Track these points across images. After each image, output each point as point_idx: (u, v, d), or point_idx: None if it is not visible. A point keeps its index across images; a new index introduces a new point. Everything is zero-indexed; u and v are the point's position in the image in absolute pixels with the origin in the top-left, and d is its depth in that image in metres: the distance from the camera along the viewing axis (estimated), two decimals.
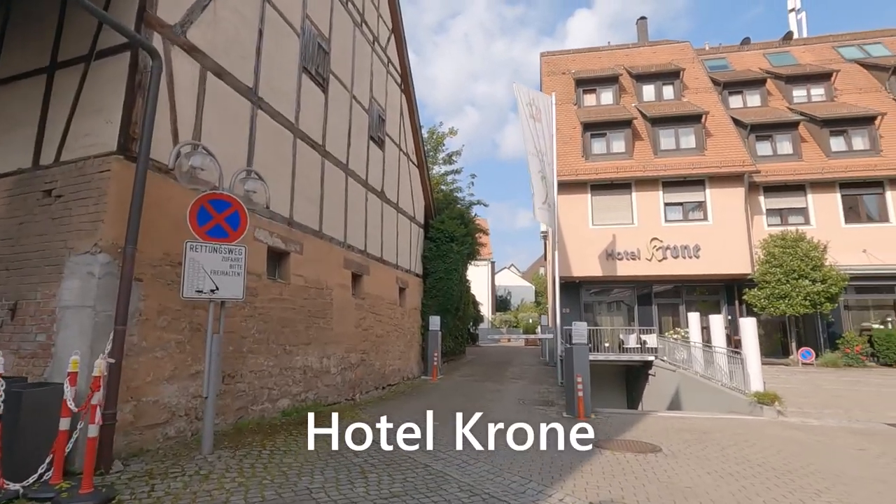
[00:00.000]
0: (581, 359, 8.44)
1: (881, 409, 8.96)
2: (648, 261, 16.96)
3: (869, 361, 14.51)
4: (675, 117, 18.24)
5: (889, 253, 16.40)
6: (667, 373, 14.49)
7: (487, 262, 45.75)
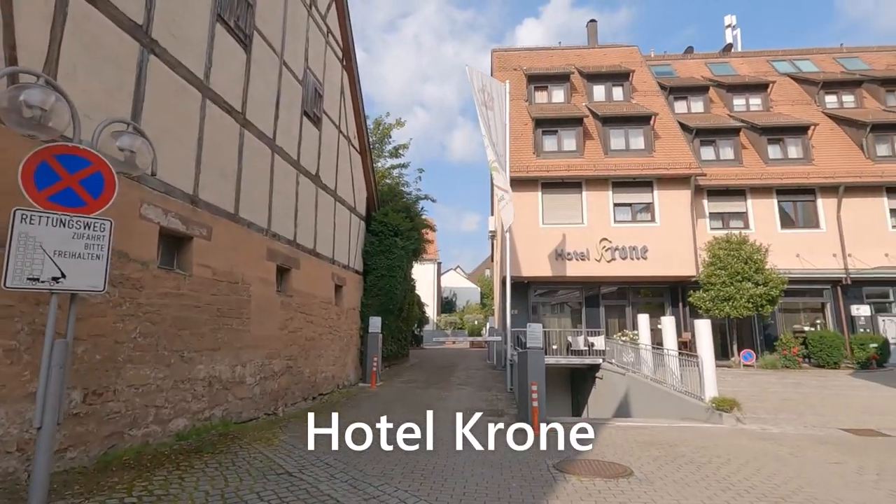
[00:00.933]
0: (536, 365, 7.61)
1: (830, 413, 8.81)
2: (598, 261, 16.64)
3: (804, 363, 14.85)
4: (625, 117, 18.12)
5: (819, 258, 17.02)
6: (615, 376, 14.11)
7: (434, 263, 44.83)
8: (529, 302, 18.11)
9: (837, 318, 17.11)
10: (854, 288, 17.06)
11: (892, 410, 9.07)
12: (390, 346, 14.92)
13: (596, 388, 15.95)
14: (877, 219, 17.33)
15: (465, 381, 12.95)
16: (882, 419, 8.38)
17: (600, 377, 15.55)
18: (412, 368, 16.16)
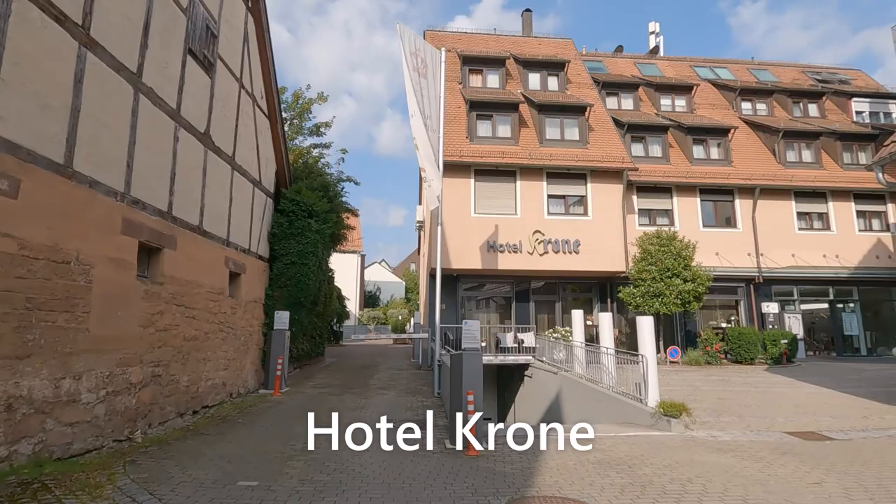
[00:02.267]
0: (473, 369, 6.35)
1: (768, 414, 8.46)
2: (530, 254, 15.87)
3: (724, 359, 15.08)
4: (561, 106, 17.52)
5: (735, 256, 17.53)
6: (546, 375, 13.35)
7: (357, 255, 42.66)
8: (458, 296, 17.00)
9: (750, 315, 17.76)
10: (764, 286, 17.80)
11: (819, 408, 8.94)
12: (302, 345, 13.07)
13: (524, 387, 15.18)
14: (786, 221, 18.22)
15: (388, 385, 11.48)
16: (815, 419, 8.13)
17: (529, 376, 14.78)
18: (328, 370, 14.39)
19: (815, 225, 18.45)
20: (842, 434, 7.15)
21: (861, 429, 7.44)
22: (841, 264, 17.94)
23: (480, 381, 6.37)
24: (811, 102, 21.64)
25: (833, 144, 19.34)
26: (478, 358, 6.49)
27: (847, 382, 11.56)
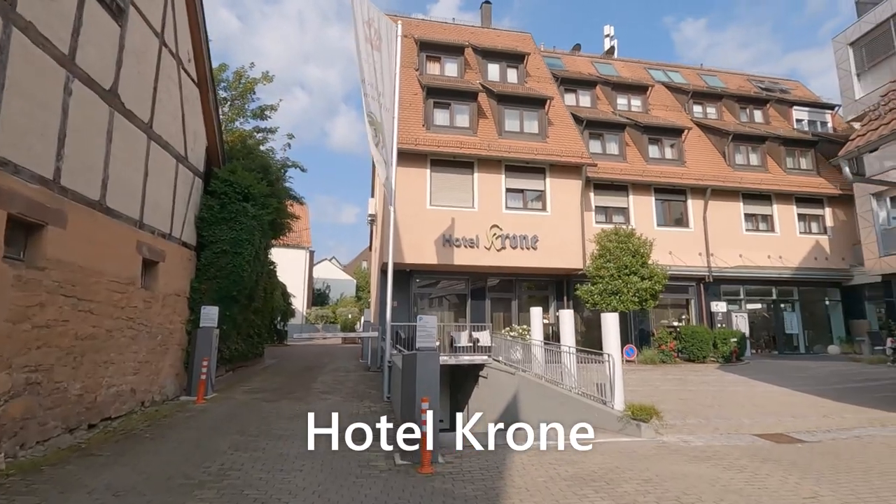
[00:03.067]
0: (428, 372, 5.50)
1: (732, 415, 8.14)
2: (487, 249, 15.20)
3: (677, 357, 15.03)
4: (521, 98, 16.99)
5: (687, 255, 17.67)
6: (503, 375, 12.71)
7: (305, 250, 40.79)
8: (411, 292, 16.10)
9: (700, 313, 17.97)
10: (714, 286, 18.06)
11: (779, 408, 8.76)
12: (237, 345, 11.73)
13: (479, 388, 14.49)
14: (734, 222, 18.59)
15: (332, 388, 10.41)
16: (778, 420, 7.88)
17: (485, 376, 14.11)
18: (266, 372, 13.08)
19: (760, 226, 18.95)
20: (808, 435, 6.88)
21: (825, 429, 7.22)
22: (783, 265, 18.51)
23: (437, 385, 5.53)
24: (756, 109, 22.36)
25: (777, 149, 19.99)
26: (434, 359, 5.64)
27: (796, 380, 11.65)
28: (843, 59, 17.91)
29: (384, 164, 9.46)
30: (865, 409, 8.53)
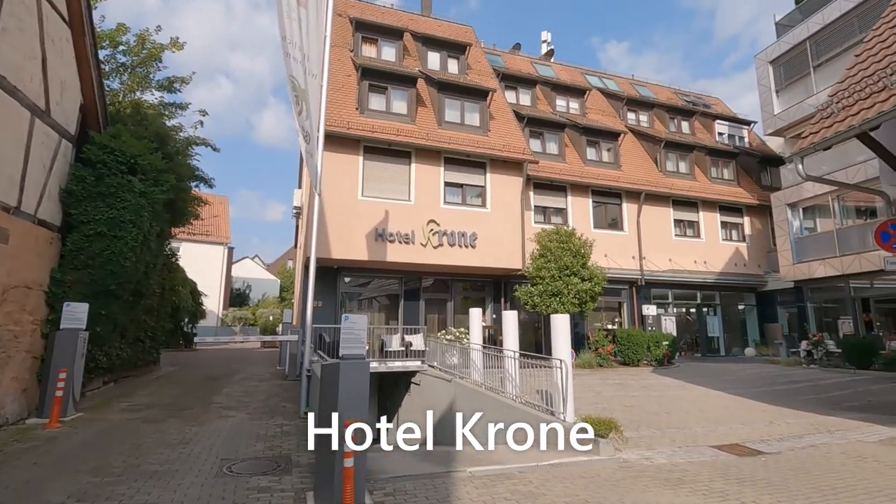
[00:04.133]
0: (355, 387, 4.27)
1: (683, 424, 7.67)
2: (423, 246, 14.11)
3: (614, 361, 14.80)
4: (463, 87, 16.12)
5: (621, 258, 17.70)
6: (438, 383, 11.65)
7: (223, 246, 37.49)
8: (338, 292, 14.64)
9: (632, 317, 18.05)
10: (645, 289, 18.24)
11: (724, 415, 8.47)
12: (120, 351, 9.67)
13: (411, 395, 13.33)
14: (665, 227, 18.94)
15: (238, 402, 8.78)
16: (729, 428, 7.50)
17: (417, 383, 12.97)
18: (159, 382, 11.03)
19: (687, 232, 19.48)
20: (765, 445, 6.47)
21: (777, 437, 6.88)
22: (708, 270, 19.14)
23: (366, 404, 4.33)
24: (684, 120, 23.21)
25: (703, 159, 20.74)
26: (362, 369, 4.43)
27: (726, 383, 11.67)
28: (764, 76, 18.87)
29: (308, 138, 8.05)
30: (804, 414, 8.44)
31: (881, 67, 6.92)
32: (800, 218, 17.45)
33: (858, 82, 7.13)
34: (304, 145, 7.91)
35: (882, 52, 7.27)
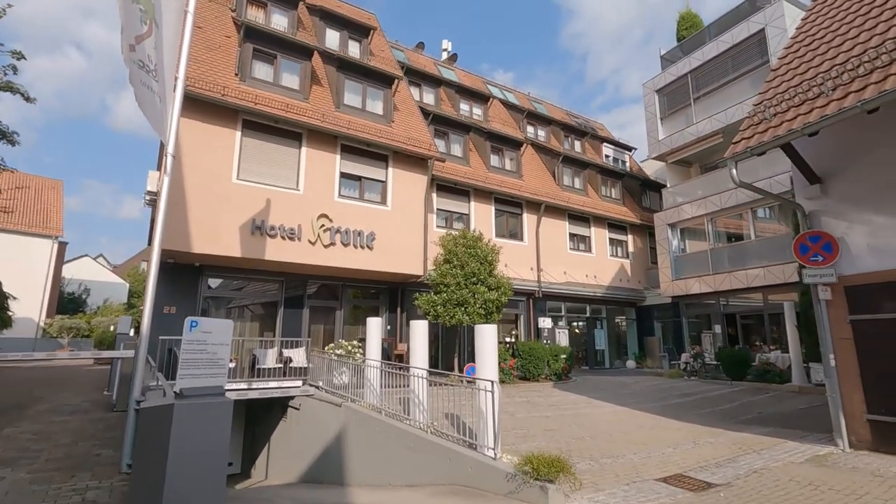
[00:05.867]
0: (201, 446, 2.39)
1: (617, 453, 6.76)
2: (312, 244, 12.01)
3: (515, 376, 14.00)
4: (366, 70, 14.39)
5: (521, 269, 17.27)
6: (325, 407, 9.65)
7: (52, 240, 30.65)
8: (200, 295, 11.84)
9: (528, 329, 17.65)
10: (541, 301, 18.01)
11: (646, 437, 7.84)
12: None
13: (288, 423, 11.05)
14: (561, 240, 19.03)
15: (22, 451, 5.95)
16: (662, 454, 6.77)
17: (297, 407, 10.75)
18: None
19: (580, 246, 19.83)
20: (708, 474, 5.76)
21: (714, 463, 6.26)
22: (598, 283, 19.60)
23: (222, 474, 2.46)
24: (577, 139, 24.03)
25: (595, 177, 21.48)
26: (220, 413, 2.55)
27: (629, 398, 11.44)
28: (651, 103, 20.10)
29: (157, 74, 5.73)
30: (717, 431, 8.16)
31: (807, 79, 6.85)
32: (678, 238, 18.62)
33: (784, 92, 7.01)
34: (150, 83, 5.59)
35: (804, 66, 7.28)
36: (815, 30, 7.93)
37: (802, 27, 8.36)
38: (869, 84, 5.64)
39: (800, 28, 8.39)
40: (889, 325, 6.35)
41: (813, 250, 7.12)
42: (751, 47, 16.49)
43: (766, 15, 15.92)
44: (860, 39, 6.62)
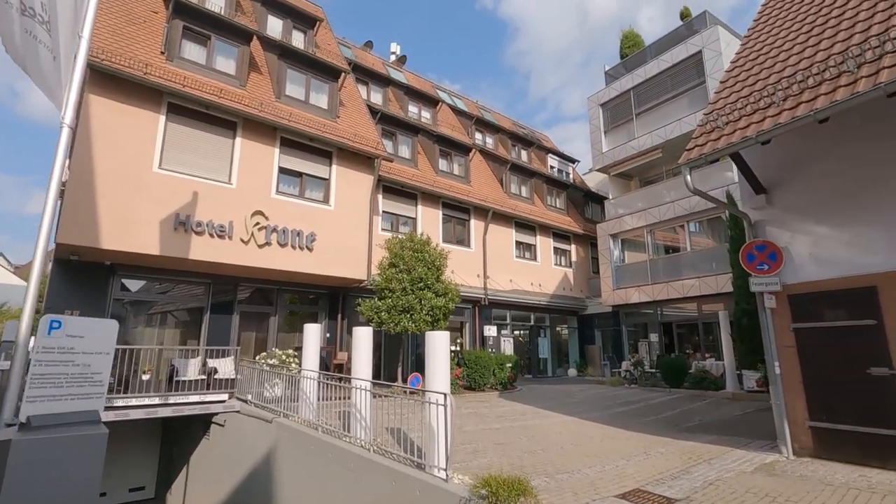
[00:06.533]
0: (72, 478, 1.67)
1: (571, 467, 6.42)
2: (245, 243, 10.97)
3: (461, 386, 13.53)
4: (310, 60, 13.54)
5: (467, 276, 16.93)
6: (252, 423, 8.69)
7: None
8: (111, 298, 10.43)
9: (473, 337, 17.31)
10: (487, 309, 17.75)
11: (597, 449, 7.60)
12: None
13: (211, 441, 9.93)
14: (507, 247, 18.92)
15: None
16: (616, 466, 6.53)
17: (221, 424, 9.68)
18: None
19: (526, 254, 19.84)
20: (665, 488, 5.53)
21: (669, 475, 6.07)
22: (542, 292, 19.66)
23: None
24: (524, 149, 24.24)
25: (541, 186, 21.67)
26: (92, 447, 1.83)
27: (576, 407, 11.31)
28: (595, 117, 20.60)
29: (49, 25, 4.72)
30: (664, 440, 8.08)
31: (756, 90, 6.96)
32: (619, 248, 19.07)
33: (735, 102, 7.09)
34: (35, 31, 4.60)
35: (752, 79, 7.43)
36: (760, 46, 8.17)
37: (746, 43, 8.62)
38: (819, 95, 5.72)
39: (744, 44, 8.64)
40: (828, 332, 6.48)
41: (759, 259, 7.21)
42: (689, 68, 17.28)
43: (703, 38, 16.74)
44: (805, 55, 6.81)
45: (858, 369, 6.11)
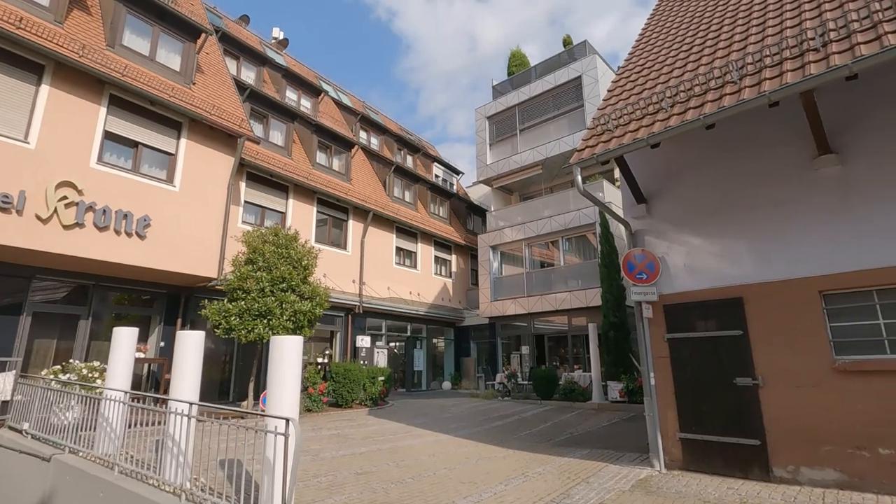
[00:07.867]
0: None
1: (447, 496, 5.49)
2: (43, 222, 8.37)
3: (325, 403, 11.99)
4: (161, 9, 11.20)
5: (341, 281, 15.54)
6: (21, 462, 6.35)
7: None
8: None
9: (344, 348, 15.86)
10: (361, 318, 16.47)
11: (474, 472, 6.84)
12: None
13: None
14: (387, 253, 17.88)
15: None
16: (493, 493, 5.78)
17: None
18: None
19: (406, 262, 18.98)
20: None
21: (550, 500, 5.47)
22: (421, 301, 18.91)
23: None
24: (410, 154, 23.58)
25: (426, 193, 21.11)
26: None
27: (449, 424, 10.56)
28: (482, 129, 20.70)
29: None
30: (540, 456, 7.60)
31: (643, 97, 6.93)
32: (499, 260, 19.16)
33: (623, 108, 6.99)
34: None
35: (638, 88, 7.44)
36: (643, 61, 8.35)
37: (630, 59, 8.80)
38: (706, 102, 5.70)
39: (628, 60, 8.82)
40: (700, 343, 6.50)
41: (638, 268, 7.11)
42: (569, 91, 18.11)
43: (582, 64, 17.68)
44: (688, 69, 6.94)
45: (726, 380, 6.14)
